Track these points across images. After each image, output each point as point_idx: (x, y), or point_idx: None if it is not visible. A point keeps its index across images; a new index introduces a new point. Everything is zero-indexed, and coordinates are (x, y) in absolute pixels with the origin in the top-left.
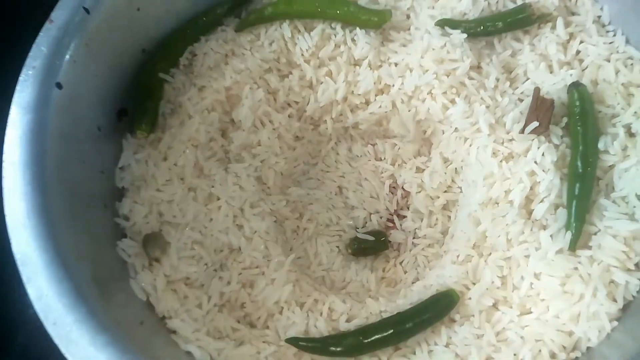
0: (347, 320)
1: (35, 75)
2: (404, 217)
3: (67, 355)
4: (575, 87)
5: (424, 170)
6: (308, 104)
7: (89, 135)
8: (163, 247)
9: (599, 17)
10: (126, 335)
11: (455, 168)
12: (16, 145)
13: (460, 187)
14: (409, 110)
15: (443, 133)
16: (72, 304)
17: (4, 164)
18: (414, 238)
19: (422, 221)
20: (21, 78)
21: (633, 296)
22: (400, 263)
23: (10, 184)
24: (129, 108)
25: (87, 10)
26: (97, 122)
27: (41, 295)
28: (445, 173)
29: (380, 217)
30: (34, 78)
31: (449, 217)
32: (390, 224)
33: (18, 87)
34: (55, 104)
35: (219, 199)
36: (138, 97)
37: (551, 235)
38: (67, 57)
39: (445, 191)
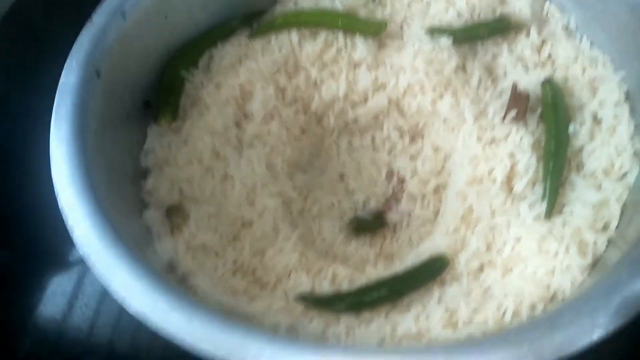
0: (349, 284)
1: (77, 64)
2: (399, 201)
3: (109, 285)
4: (547, 82)
5: (416, 158)
6: (313, 100)
7: (120, 121)
8: (184, 217)
9: (567, 25)
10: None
11: (445, 155)
12: (62, 121)
13: (450, 171)
14: (403, 105)
15: (433, 125)
16: (111, 244)
17: (51, 136)
18: (408, 219)
19: (415, 204)
20: (66, 66)
21: (600, 254)
22: (397, 240)
23: (57, 152)
24: (153, 101)
25: (123, 15)
26: (126, 110)
27: (84, 236)
28: (436, 159)
29: (378, 201)
30: (77, 67)
31: (440, 199)
32: (387, 207)
33: (63, 74)
34: (94, 89)
35: (233, 178)
36: (162, 91)
37: (529, 205)
38: (105, 52)
39: (437, 175)
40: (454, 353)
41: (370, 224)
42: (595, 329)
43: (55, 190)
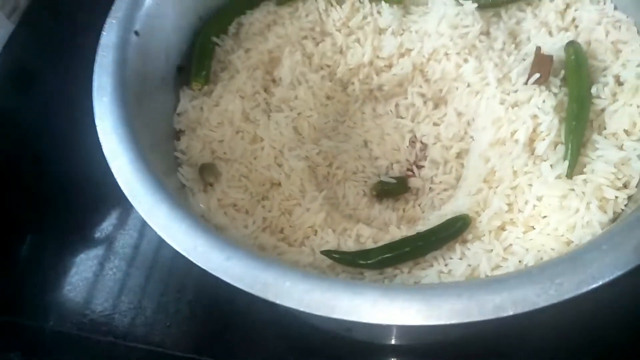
0: (373, 243)
1: (117, 23)
2: (422, 166)
3: (152, 225)
4: (571, 44)
5: (439, 124)
6: (339, 67)
7: (155, 83)
8: (216, 175)
9: None
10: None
11: (468, 121)
12: (103, 73)
13: (472, 137)
14: (427, 71)
15: (457, 89)
16: (153, 190)
17: (94, 87)
18: (431, 184)
19: (438, 169)
20: (106, 25)
21: (621, 209)
22: (419, 205)
23: (101, 104)
24: (186, 66)
25: None
26: (161, 72)
27: (128, 181)
28: (459, 125)
29: (402, 167)
30: (117, 25)
31: (462, 164)
32: (410, 173)
33: (104, 32)
34: (133, 46)
35: (262, 140)
36: (194, 56)
37: (551, 165)
38: (142, 12)
39: (459, 141)
40: (477, 289)
41: (393, 189)
42: (615, 268)
43: (99, 138)
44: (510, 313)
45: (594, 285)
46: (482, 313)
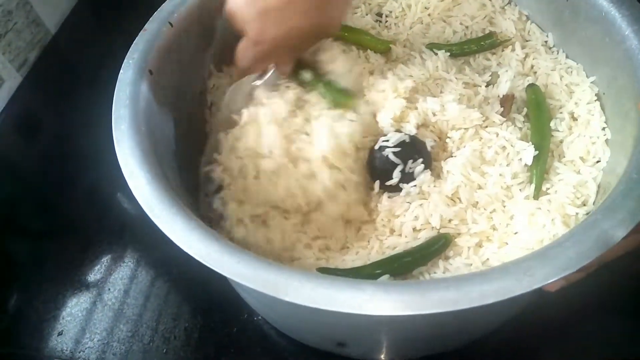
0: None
1: (134, 63)
2: None
3: (169, 235)
4: (531, 86)
5: None
6: None
7: (167, 113)
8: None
9: (546, 41)
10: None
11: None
12: (121, 106)
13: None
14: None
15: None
16: (170, 204)
17: (113, 118)
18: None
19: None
20: (124, 64)
21: None
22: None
23: (119, 131)
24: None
25: (171, 24)
26: (172, 104)
27: (145, 198)
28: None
29: None
30: (133, 65)
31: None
32: None
33: (122, 70)
34: (147, 83)
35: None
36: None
37: (520, 189)
38: (155, 55)
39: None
40: (463, 282)
41: None
42: (577, 260)
43: (119, 161)
44: (492, 300)
45: (561, 275)
46: (468, 301)
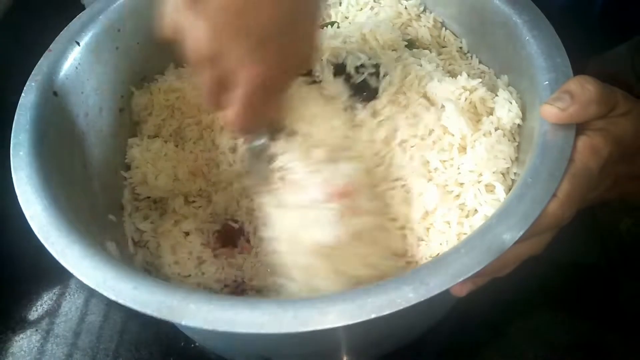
0: None
1: (37, 85)
2: None
3: (63, 263)
4: None
5: None
6: None
7: (75, 136)
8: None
9: (460, 47)
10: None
11: None
12: (21, 131)
13: None
14: None
15: None
16: (67, 232)
17: (12, 144)
18: None
19: None
20: (26, 87)
21: None
22: None
23: (17, 158)
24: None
25: (78, 43)
26: (81, 127)
27: (41, 226)
28: None
29: None
30: (35, 87)
31: None
32: None
33: (23, 94)
34: (52, 106)
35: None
36: None
37: None
38: (61, 75)
39: None
40: (361, 294)
41: None
42: (471, 267)
43: (15, 188)
44: (388, 312)
45: (455, 282)
46: (364, 314)
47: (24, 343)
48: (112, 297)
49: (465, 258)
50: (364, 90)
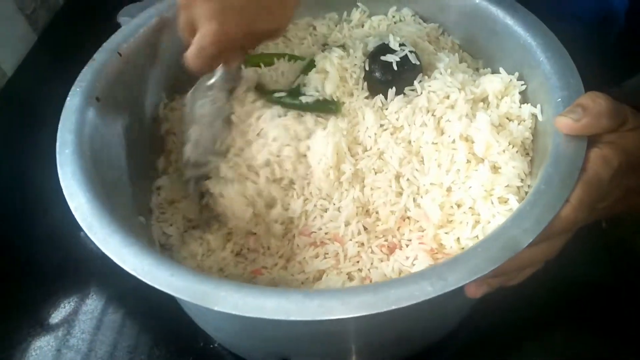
0: None
1: (81, 90)
2: None
3: (104, 250)
4: None
5: None
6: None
7: (114, 139)
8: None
9: (477, 68)
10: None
11: None
12: (66, 131)
13: None
14: None
15: None
16: (108, 223)
17: (57, 143)
18: None
19: None
20: (71, 92)
21: None
22: None
23: (63, 155)
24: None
25: (119, 54)
26: (118, 131)
27: (84, 217)
28: None
29: None
30: (80, 92)
31: None
32: None
33: (68, 98)
34: (94, 110)
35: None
36: None
37: None
38: (104, 81)
39: None
40: (382, 287)
41: None
42: (486, 265)
43: (61, 183)
44: (407, 303)
45: (472, 279)
46: (385, 304)
47: (43, 343)
48: (150, 283)
49: (482, 257)
50: (405, 65)
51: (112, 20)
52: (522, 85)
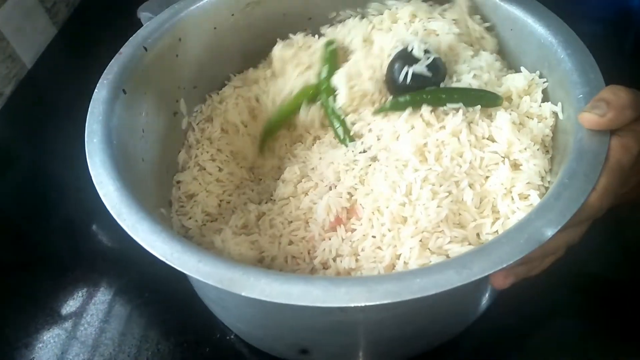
0: None
1: (108, 82)
2: None
3: (134, 236)
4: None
5: None
6: None
7: (138, 132)
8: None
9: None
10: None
11: None
12: (94, 122)
13: None
14: None
15: None
16: (136, 210)
17: (86, 132)
18: None
19: None
20: (99, 84)
21: None
22: None
23: (91, 144)
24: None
25: (145, 49)
26: (142, 125)
27: (114, 204)
28: None
29: None
30: (107, 84)
31: None
32: None
33: (96, 90)
34: (120, 102)
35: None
36: None
37: None
38: (130, 74)
39: None
40: (407, 275)
41: None
42: (511, 256)
43: (90, 172)
44: (432, 292)
45: (497, 269)
46: (410, 293)
47: (56, 333)
48: (179, 268)
49: (506, 247)
50: (432, 70)
51: (132, 15)
52: (544, 82)
